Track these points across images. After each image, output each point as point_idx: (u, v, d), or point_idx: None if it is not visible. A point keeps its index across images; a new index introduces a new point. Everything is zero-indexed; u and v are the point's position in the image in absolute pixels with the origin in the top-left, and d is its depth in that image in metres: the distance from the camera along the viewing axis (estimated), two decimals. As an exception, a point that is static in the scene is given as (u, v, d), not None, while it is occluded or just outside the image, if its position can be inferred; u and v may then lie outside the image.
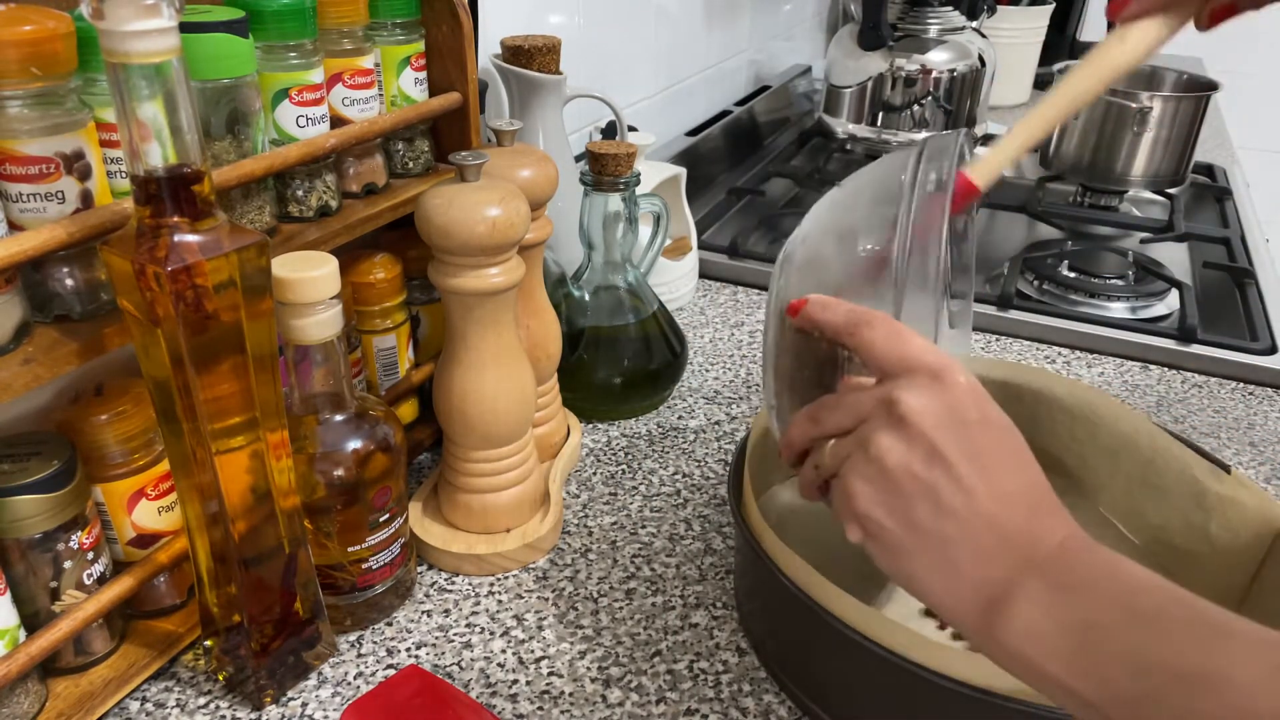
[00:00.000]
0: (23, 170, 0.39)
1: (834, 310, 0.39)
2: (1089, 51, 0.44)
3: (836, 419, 0.39)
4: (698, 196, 1.16)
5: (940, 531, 0.34)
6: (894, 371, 0.36)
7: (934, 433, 0.34)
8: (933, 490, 0.34)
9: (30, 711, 0.45)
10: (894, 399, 0.35)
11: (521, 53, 0.72)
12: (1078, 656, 0.30)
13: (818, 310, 0.40)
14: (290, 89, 0.52)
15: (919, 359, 0.36)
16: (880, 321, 0.38)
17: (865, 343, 0.38)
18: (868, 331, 0.38)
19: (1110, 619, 0.30)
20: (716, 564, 0.59)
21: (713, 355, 0.85)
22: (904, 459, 0.35)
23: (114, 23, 0.34)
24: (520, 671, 0.51)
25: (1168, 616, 0.30)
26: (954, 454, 0.34)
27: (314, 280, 0.45)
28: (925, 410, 0.35)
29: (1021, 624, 0.32)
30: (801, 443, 0.41)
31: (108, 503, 0.47)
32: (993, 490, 0.34)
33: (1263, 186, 1.57)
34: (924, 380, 0.35)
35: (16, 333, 0.41)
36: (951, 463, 0.34)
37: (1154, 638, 0.29)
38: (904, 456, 0.35)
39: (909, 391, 0.35)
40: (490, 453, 0.58)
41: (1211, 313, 0.91)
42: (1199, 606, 0.30)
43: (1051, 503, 0.35)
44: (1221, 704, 0.27)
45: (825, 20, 1.90)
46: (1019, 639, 0.32)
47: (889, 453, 0.35)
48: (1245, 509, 0.52)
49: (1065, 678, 0.31)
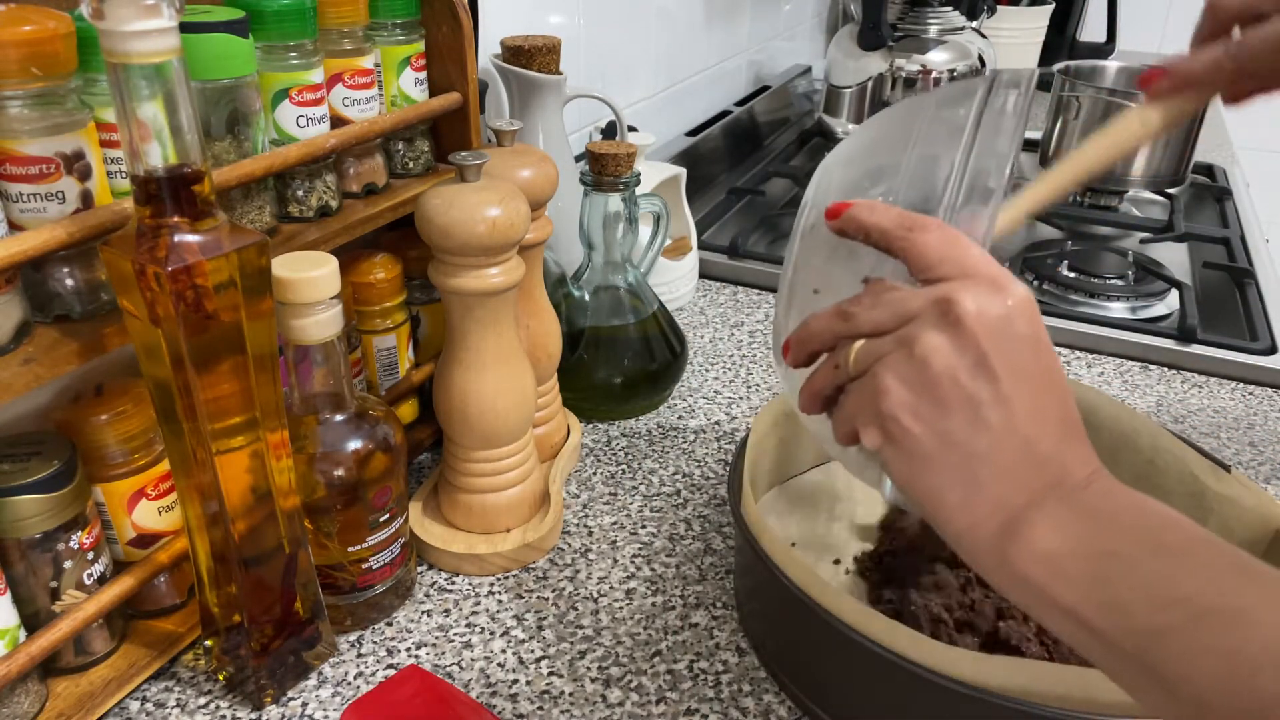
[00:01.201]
0: (23, 170, 0.39)
1: (883, 213, 0.37)
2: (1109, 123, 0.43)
3: (875, 316, 0.36)
4: (698, 196, 1.16)
5: (970, 445, 0.33)
6: (949, 275, 0.35)
7: (987, 341, 0.33)
8: (973, 401, 0.33)
9: (30, 711, 0.45)
10: (952, 299, 0.33)
11: (521, 53, 0.72)
12: (1094, 584, 0.30)
13: (865, 213, 0.37)
14: (290, 89, 0.52)
15: (978, 265, 0.34)
16: (936, 225, 0.36)
17: (919, 245, 0.35)
18: (921, 235, 0.35)
19: (1133, 550, 0.30)
20: (716, 564, 0.59)
21: (713, 355, 0.85)
22: (951, 363, 0.33)
23: (114, 23, 0.34)
24: (520, 671, 0.51)
25: (1193, 553, 0.29)
26: (1001, 367, 0.33)
27: (314, 280, 0.45)
28: (982, 315, 0.33)
29: (1038, 547, 0.31)
30: (823, 338, 0.38)
31: (108, 503, 0.47)
32: (1032, 410, 0.33)
33: (1263, 186, 1.57)
34: (985, 285, 0.34)
35: (17, 333, 0.41)
36: (998, 375, 0.33)
37: (1177, 572, 0.29)
38: (951, 360, 0.33)
39: (969, 294, 0.33)
40: (490, 453, 0.58)
41: (1211, 313, 0.91)
42: (1226, 547, 0.29)
43: (1082, 436, 0.34)
44: (1243, 640, 0.26)
45: (825, 20, 1.90)
46: (1033, 562, 0.31)
47: (936, 353, 0.33)
48: (1245, 508, 0.52)
49: (1077, 604, 0.30)
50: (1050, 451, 0.33)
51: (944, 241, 0.35)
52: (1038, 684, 0.40)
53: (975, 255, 0.35)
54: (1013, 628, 0.49)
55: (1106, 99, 1.16)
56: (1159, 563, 0.29)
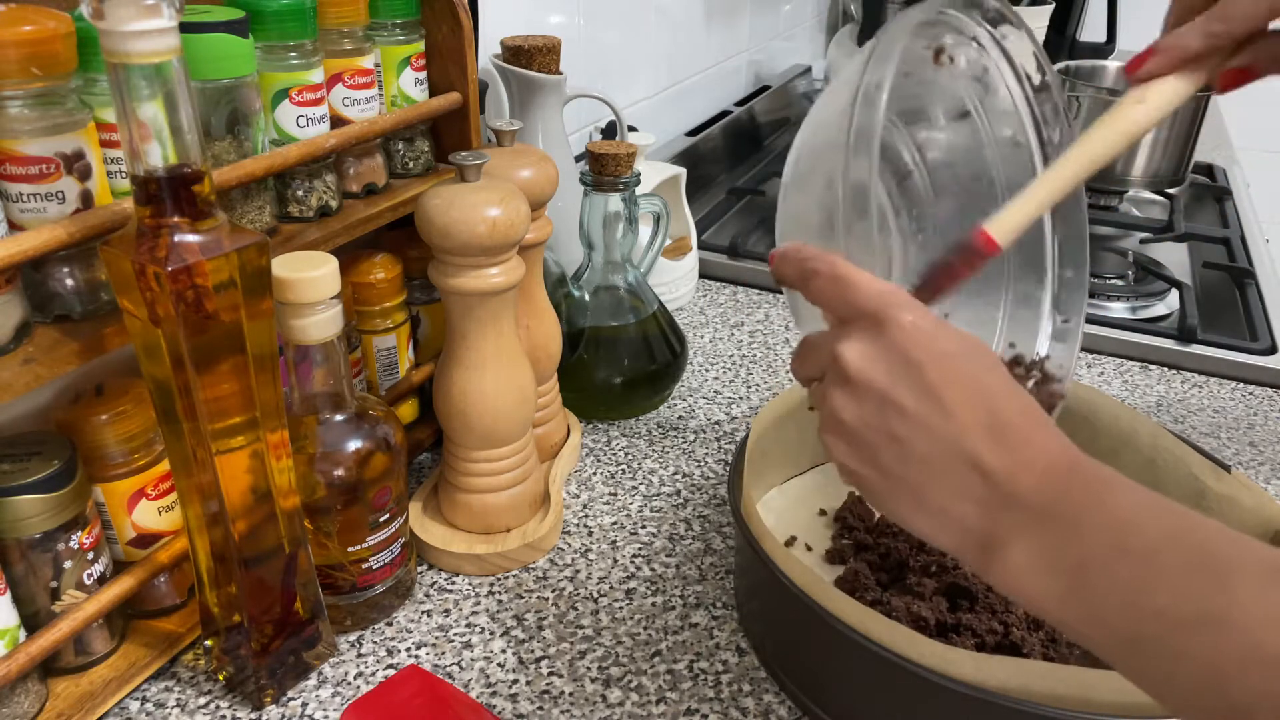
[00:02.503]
0: (23, 170, 0.39)
1: (789, 262, 0.38)
2: (1108, 110, 0.43)
3: (804, 371, 0.39)
4: (698, 196, 1.16)
5: (910, 476, 0.34)
6: (843, 320, 0.36)
7: (880, 382, 0.34)
8: (892, 437, 0.34)
9: (30, 711, 0.45)
10: (836, 355, 0.35)
11: (521, 53, 0.72)
12: (1071, 597, 0.30)
13: (779, 264, 0.39)
14: (290, 89, 0.52)
15: (859, 305, 0.35)
16: (826, 269, 0.36)
17: (815, 294, 0.37)
18: (815, 283, 0.37)
19: (1099, 559, 0.30)
20: (716, 564, 0.59)
21: (713, 355, 0.85)
22: (857, 414, 0.35)
23: (114, 23, 0.34)
24: (520, 671, 0.51)
25: (1160, 555, 0.29)
26: (905, 398, 0.33)
27: (314, 280, 0.45)
28: (865, 361, 0.34)
29: (1014, 567, 0.32)
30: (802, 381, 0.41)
31: (108, 503, 0.47)
32: (954, 427, 0.33)
33: (1263, 186, 1.57)
34: (863, 329, 0.35)
35: (17, 333, 0.41)
36: (904, 407, 0.33)
37: (1147, 579, 0.28)
38: (856, 411, 0.35)
39: (848, 345, 0.35)
40: (490, 453, 0.58)
41: (1211, 313, 0.91)
42: (1194, 539, 0.29)
43: (1027, 428, 0.33)
44: (1221, 646, 0.26)
45: (825, 20, 1.90)
46: (1015, 580, 0.32)
47: (842, 410, 0.35)
48: (1245, 508, 0.52)
49: (1062, 616, 0.31)
50: (990, 459, 0.32)
51: (830, 285, 0.36)
52: (1038, 684, 0.40)
53: (860, 293, 0.35)
54: None
55: (1106, 99, 1.16)
56: (1126, 571, 0.29)
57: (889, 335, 0.34)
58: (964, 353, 0.34)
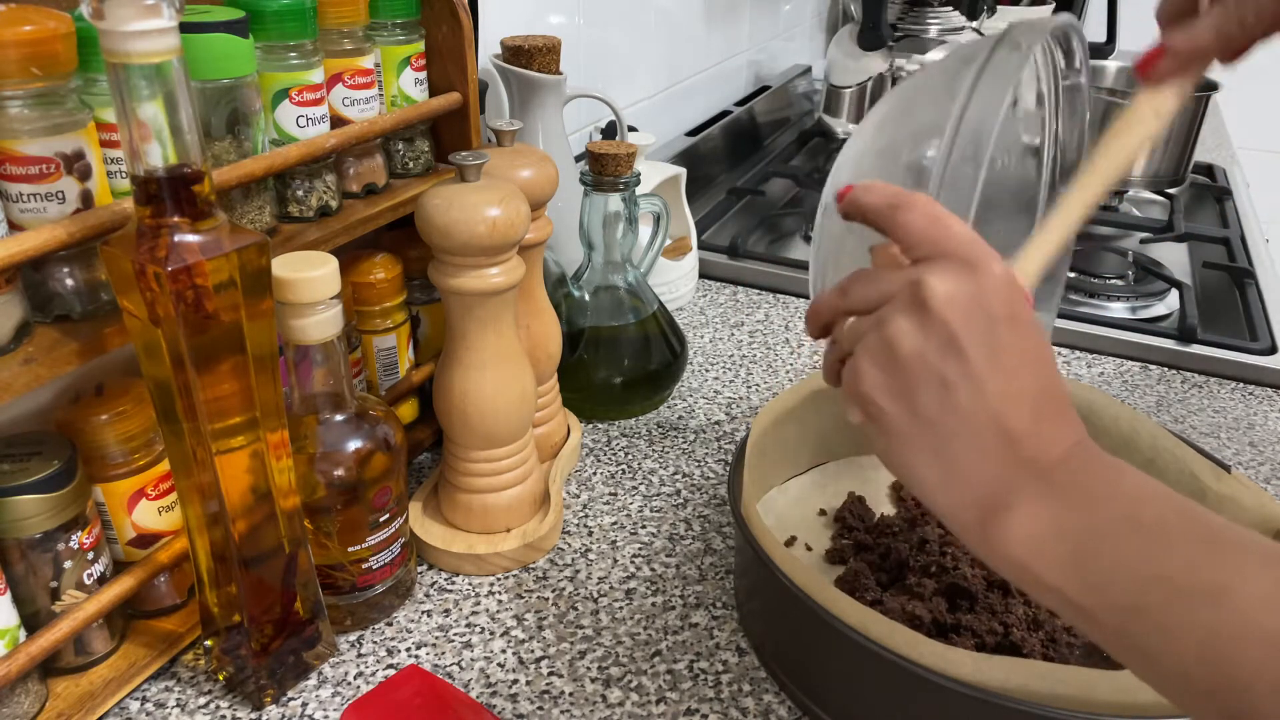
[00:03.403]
0: (23, 170, 0.39)
1: (875, 193, 0.37)
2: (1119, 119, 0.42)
3: (863, 293, 0.36)
4: (698, 196, 1.16)
5: (943, 423, 0.33)
6: (928, 255, 0.35)
7: (955, 322, 0.33)
8: (942, 380, 0.33)
9: (30, 711, 0.45)
10: (920, 281, 0.34)
11: (521, 53, 0.72)
12: (1074, 564, 0.30)
13: (861, 193, 0.38)
14: (290, 89, 0.52)
15: (956, 244, 0.34)
16: (921, 204, 0.35)
17: (902, 225, 0.35)
18: (905, 214, 0.35)
19: (1110, 527, 0.30)
20: (716, 564, 0.59)
21: (713, 355, 0.85)
22: (918, 345, 0.33)
23: (114, 23, 0.34)
24: (520, 671, 0.51)
25: (1170, 528, 0.29)
26: (972, 347, 0.33)
27: (314, 280, 0.45)
28: (951, 297, 0.33)
29: (1018, 529, 0.31)
30: (827, 314, 0.39)
31: (108, 503, 0.47)
32: (1005, 389, 0.33)
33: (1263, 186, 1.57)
34: (956, 266, 0.34)
35: (17, 333, 0.41)
36: (968, 356, 0.33)
37: (1154, 549, 0.29)
38: (919, 343, 0.33)
39: (938, 275, 0.33)
40: (490, 453, 0.58)
41: (1211, 313, 0.91)
42: (1204, 519, 0.29)
43: (1062, 411, 0.34)
44: (1223, 616, 0.27)
45: (825, 20, 1.90)
46: (1015, 544, 0.31)
47: (904, 336, 0.34)
48: (1245, 508, 0.52)
49: (1059, 583, 0.30)
50: (1025, 429, 0.33)
51: (925, 220, 0.35)
52: (1037, 684, 0.40)
53: (955, 234, 0.35)
54: None
55: (1106, 99, 1.16)
56: (1136, 540, 0.29)
57: (978, 281, 0.33)
58: (1035, 326, 0.34)
